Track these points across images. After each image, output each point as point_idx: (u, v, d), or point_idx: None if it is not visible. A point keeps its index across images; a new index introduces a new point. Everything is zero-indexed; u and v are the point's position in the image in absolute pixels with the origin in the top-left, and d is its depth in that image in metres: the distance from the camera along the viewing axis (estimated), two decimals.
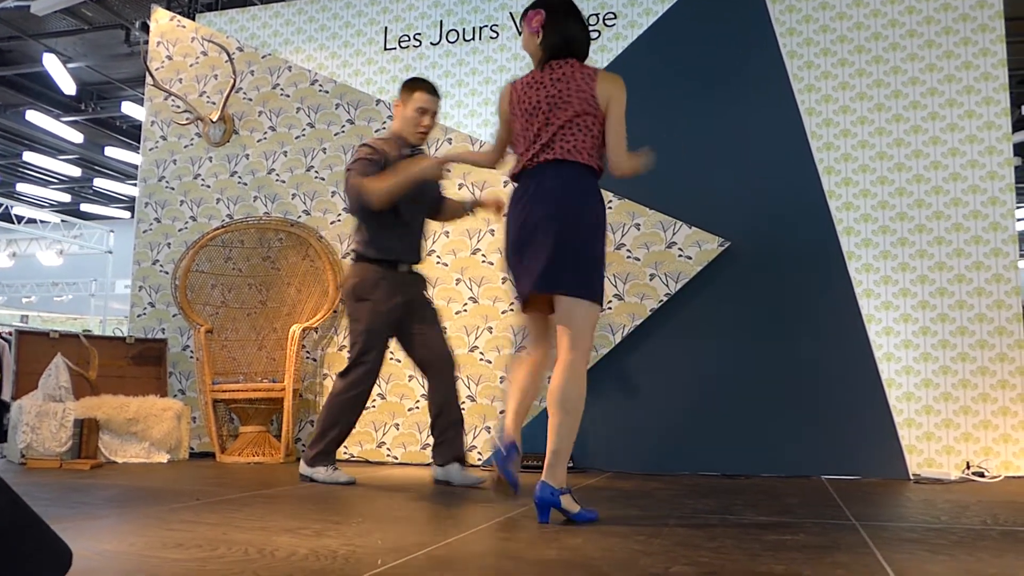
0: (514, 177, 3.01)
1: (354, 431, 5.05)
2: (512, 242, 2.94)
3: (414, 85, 3.95)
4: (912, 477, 4.22)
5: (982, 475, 4.15)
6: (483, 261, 4.96)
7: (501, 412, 4.79)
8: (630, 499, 3.37)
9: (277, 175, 5.54)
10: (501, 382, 4.81)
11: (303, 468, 3.98)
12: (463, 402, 4.85)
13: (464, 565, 2.02)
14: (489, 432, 4.77)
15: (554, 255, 2.79)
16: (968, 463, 4.26)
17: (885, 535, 2.49)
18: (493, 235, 4.96)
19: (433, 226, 5.07)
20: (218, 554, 2.10)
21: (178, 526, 2.53)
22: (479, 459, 4.77)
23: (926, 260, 4.49)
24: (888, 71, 4.66)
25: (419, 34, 5.44)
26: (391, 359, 5.01)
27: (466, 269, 4.99)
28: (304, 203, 5.44)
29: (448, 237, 5.05)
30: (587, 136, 2.88)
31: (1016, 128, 10.08)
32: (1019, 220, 14.31)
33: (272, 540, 2.29)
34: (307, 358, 5.26)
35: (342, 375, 3.93)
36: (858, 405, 4.39)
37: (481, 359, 4.87)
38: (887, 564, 2.04)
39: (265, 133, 5.62)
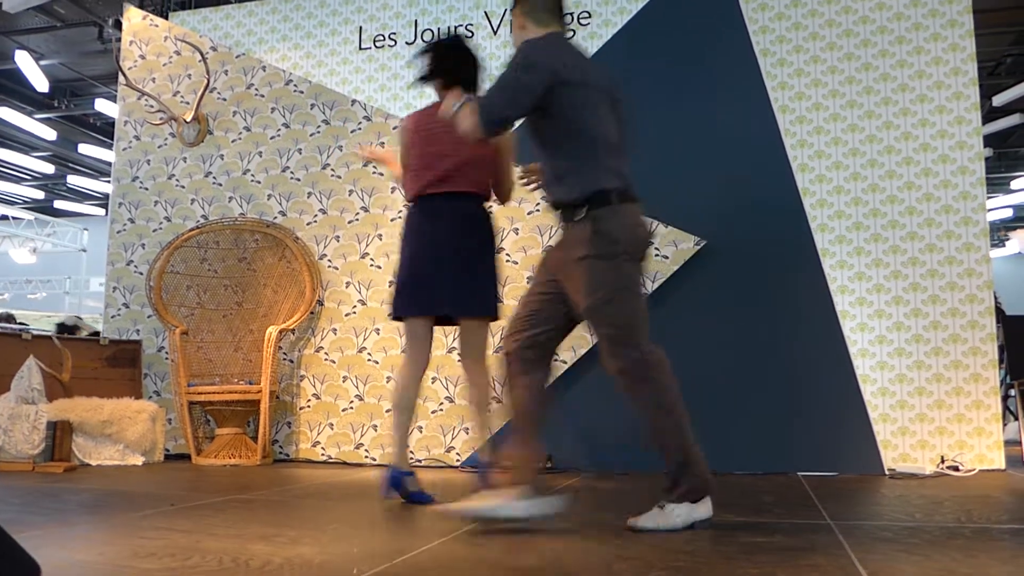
0: None
1: (332, 432, 5.06)
2: None
3: None
4: (887, 472, 4.26)
5: (957, 469, 4.19)
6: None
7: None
8: (608, 500, 3.38)
9: (252, 176, 5.50)
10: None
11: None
12: (440, 404, 4.85)
13: (441, 572, 2.02)
14: (469, 433, 4.76)
15: None
16: (943, 457, 4.30)
17: (860, 535, 2.51)
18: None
19: None
20: (191, 564, 2.08)
21: (151, 534, 2.51)
22: (457, 459, 4.76)
23: (899, 256, 4.52)
24: (859, 68, 4.69)
25: (394, 33, 5.41)
26: (368, 360, 5.00)
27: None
28: (280, 204, 5.40)
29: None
30: None
31: (988, 119, 10.17)
32: (992, 210, 14.53)
33: (247, 548, 2.28)
34: (284, 360, 5.24)
35: None
36: (833, 401, 4.42)
37: (459, 360, 4.84)
38: (861, 566, 2.06)
39: (240, 133, 5.58)
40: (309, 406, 5.15)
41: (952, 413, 4.36)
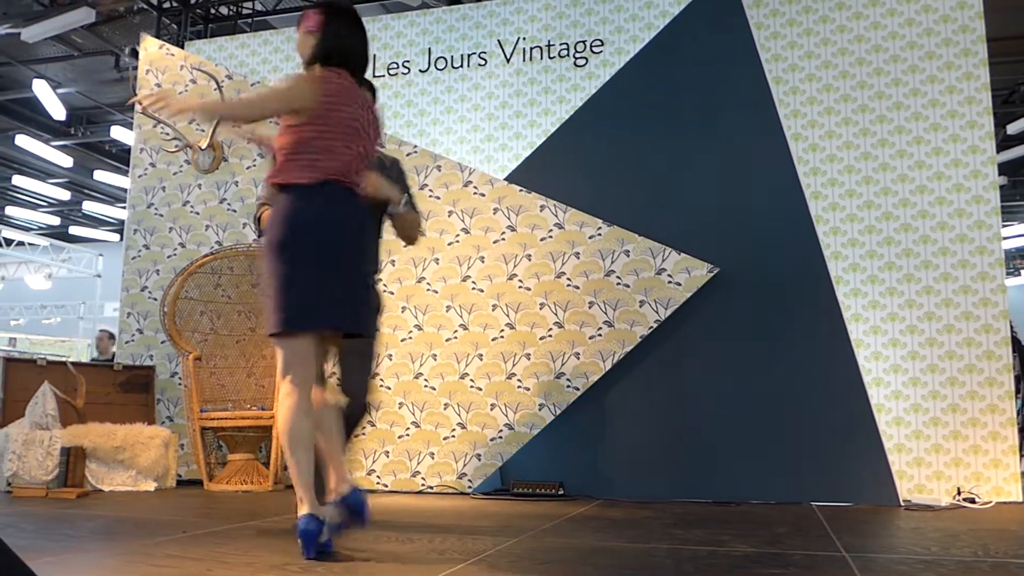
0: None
1: (345, 459, 5.04)
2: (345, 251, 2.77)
3: None
4: (903, 503, 4.21)
5: (973, 501, 4.15)
6: (473, 288, 4.95)
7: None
8: (620, 529, 3.35)
9: None
10: (492, 409, 4.79)
11: None
12: (452, 430, 4.84)
13: None
14: (481, 460, 4.74)
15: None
16: (959, 489, 4.25)
17: (875, 568, 2.48)
18: (483, 262, 4.94)
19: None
20: None
21: (163, 562, 2.50)
22: (469, 486, 4.74)
23: (914, 284, 4.50)
24: (872, 96, 4.69)
25: (408, 61, 5.45)
26: (381, 385, 4.99)
27: (456, 296, 4.98)
28: None
29: (438, 264, 5.03)
30: None
31: (1002, 147, 10.15)
32: (1007, 238, 14.45)
33: None
34: None
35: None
36: (848, 431, 4.38)
37: (472, 386, 4.85)
38: None
39: (254, 160, 5.62)
40: None
41: (968, 444, 4.32)
